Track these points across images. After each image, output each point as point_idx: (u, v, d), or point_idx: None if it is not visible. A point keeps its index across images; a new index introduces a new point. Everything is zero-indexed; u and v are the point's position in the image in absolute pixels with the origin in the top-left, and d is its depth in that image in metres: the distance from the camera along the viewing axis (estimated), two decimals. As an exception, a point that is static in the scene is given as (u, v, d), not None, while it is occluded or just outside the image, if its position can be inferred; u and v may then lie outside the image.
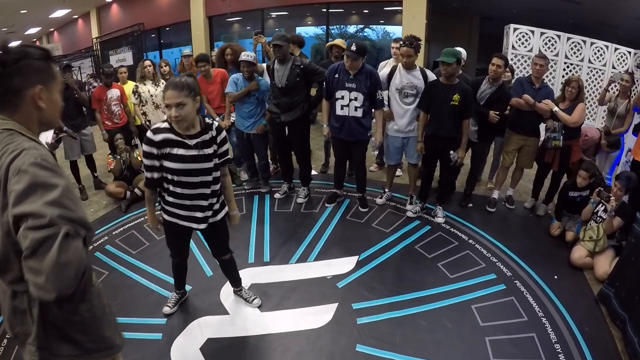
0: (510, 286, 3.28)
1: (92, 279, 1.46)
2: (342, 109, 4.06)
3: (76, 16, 16.07)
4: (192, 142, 2.32)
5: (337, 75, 4.03)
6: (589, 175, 3.82)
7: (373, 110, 4.16)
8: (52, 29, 18.04)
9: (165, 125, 2.32)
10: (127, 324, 2.85)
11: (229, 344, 2.73)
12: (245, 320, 2.93)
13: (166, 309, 2.95)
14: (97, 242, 4.01)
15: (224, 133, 2.43)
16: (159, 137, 2.28)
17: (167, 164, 2.33)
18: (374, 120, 4.26)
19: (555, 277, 3.40)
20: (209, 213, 2.54)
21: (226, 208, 2.69)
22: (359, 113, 4.03)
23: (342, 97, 4.04)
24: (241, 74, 4.42)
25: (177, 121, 2.20)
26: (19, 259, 1.14)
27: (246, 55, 4.32)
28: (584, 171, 3.82)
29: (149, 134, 2.30)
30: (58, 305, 1.31)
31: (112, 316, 1.54)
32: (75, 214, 1.16)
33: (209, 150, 2.36)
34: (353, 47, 3.83)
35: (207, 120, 2.38)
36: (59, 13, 14.72)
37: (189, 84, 2.19)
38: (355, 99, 3.99)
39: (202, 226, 2.54)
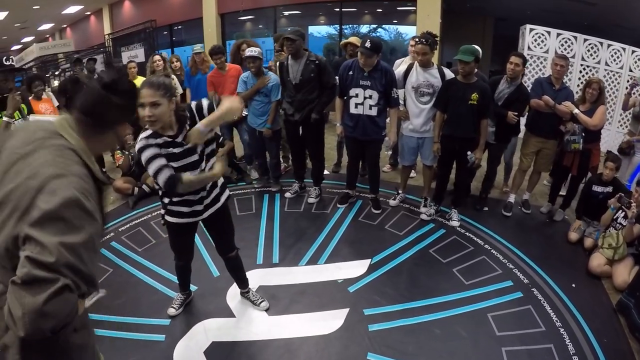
0: (527, 294, 3.16)
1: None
2: (356, 107, 3.97)
3: (89, 13, 16.20)
4: (179, 139, 2.24)
5: (351, 73, 3.94)
6: (616, 166, 3.73)
7: (388, 109, 4.06)
8: (64, 25, 18.20)
9: (150, 131, 2.22)
10: (130, 324, 2.79)
11: (234, 348, 2.65)
12: (251, 323, 2.84)
13: (171, 311, 2.87)
14: (104, 238, 3.95)
15: (202, 104, 2.31)
16: (160, 140, 2.22)
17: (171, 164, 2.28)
18: (388, 119, 4.16)
19: (573, 285, 3.28)
20: (208, 201, 2.48)
21: (227, 192, 2.64)
22: (374, 112, 3.94)
23: (356, 95, 3.94)
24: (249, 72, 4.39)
25: (151, 121, 2.09)
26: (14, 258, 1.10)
27: (251, 51, 4.27)
28: (611, 162, 3.72)
29: (144, 142, 2.19)
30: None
31: (92, 349, 1.48)
32: (85, 268, 1.10)
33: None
34: (367, 44, 3.73)
35: (179, 112, 2.26)
36: (72, 9, 14.84)
37: (165, 84, 2.12)
38: (370, 97, 3.90)
39: (205, 215, 2.50)
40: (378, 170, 4.45)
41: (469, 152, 3.89)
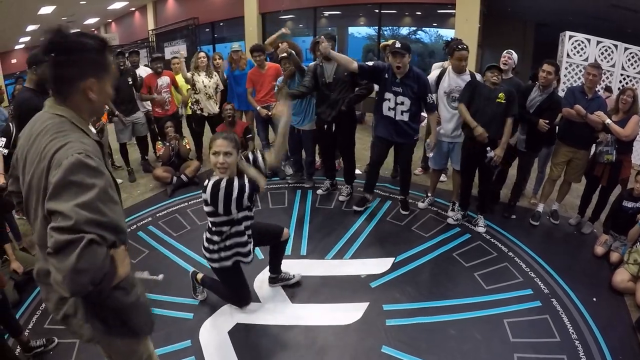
0: (546, 304, 3.16)
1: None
2: (389, 110, 4.03)
3: (133, 8, 16.65)
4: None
5: (387, 76, 3.96)
6: None
7: (425, 113, 4.13)
8: (109, 20, 18.74)
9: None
10: (161, 302, 3.00)
11: (256, 330, 2.81)
12: (275, 309, 3.00)
13: (200, 296, 3.10)
14: (141, 222, 4.22)
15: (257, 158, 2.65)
16: None
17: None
18: (423, 123, 4.20)
19: (594, 299, 3.24)
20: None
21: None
22: (405, 117, 3.98)
23: (389, 100, 3.99)
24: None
25: (223, 168, 2.37)
26: None
27: (285, 52, 4.41)
28: None
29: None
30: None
31: (144, 306, 1.59)
32: (107, 218, 1.21)
33: None
34: (397, 44, 3.78)
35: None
36: (117, 5, 15.27)
37: (235, 139, 2.43)
38: (402, 103, 3.94)
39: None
40: (410, 173, 4.48)
41: (488, 149, 3.84)
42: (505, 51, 4.38)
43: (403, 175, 4.47)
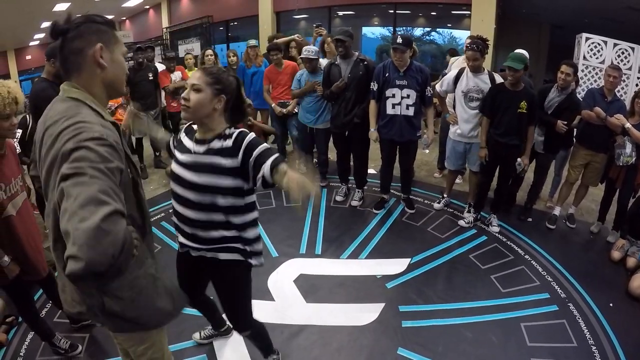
0: (563, 308, 3.11)
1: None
2: (393, 107, 3.98)
3: (148, 6, 16.73)
4: (200, 148, 1.77)
5: (387, 74, 3.95)
6: None
7: (423, 108, 4.10)
8: (124, 18, 18.82)
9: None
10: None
11: (270, 330, 2.70)
12: (289, 309, 2.97)
13: (195, 335, 2.67)
14: (154, 218, 4.22)
15: (248, 138, 1.72)
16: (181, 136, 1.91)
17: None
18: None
19: (611, 304, 3.18)
20: (215, 246, 1.87)
21: (238, 256, 1.92)
22: (411, 112, 3.96)
23: (393, 96, 3.95)
24: (305, 70, 4.52)
25: (185, 107, 1.71)
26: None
27: (307, 52, 4.38)
28: None
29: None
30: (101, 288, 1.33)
31: (160, 283, 1.51)
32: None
33: (223, 161, 1.72)
34: (399, 40, 3.77)
35: (228, 130, 1.76)
36: (132, 2, 15.37)
37: (220, 76, 1.73)
38: (408, 96, 3.92)
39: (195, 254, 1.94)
40: (412, 172, 4.43)
41: (518, 159, 3.88)
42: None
43: (405, 175, 4.44)
